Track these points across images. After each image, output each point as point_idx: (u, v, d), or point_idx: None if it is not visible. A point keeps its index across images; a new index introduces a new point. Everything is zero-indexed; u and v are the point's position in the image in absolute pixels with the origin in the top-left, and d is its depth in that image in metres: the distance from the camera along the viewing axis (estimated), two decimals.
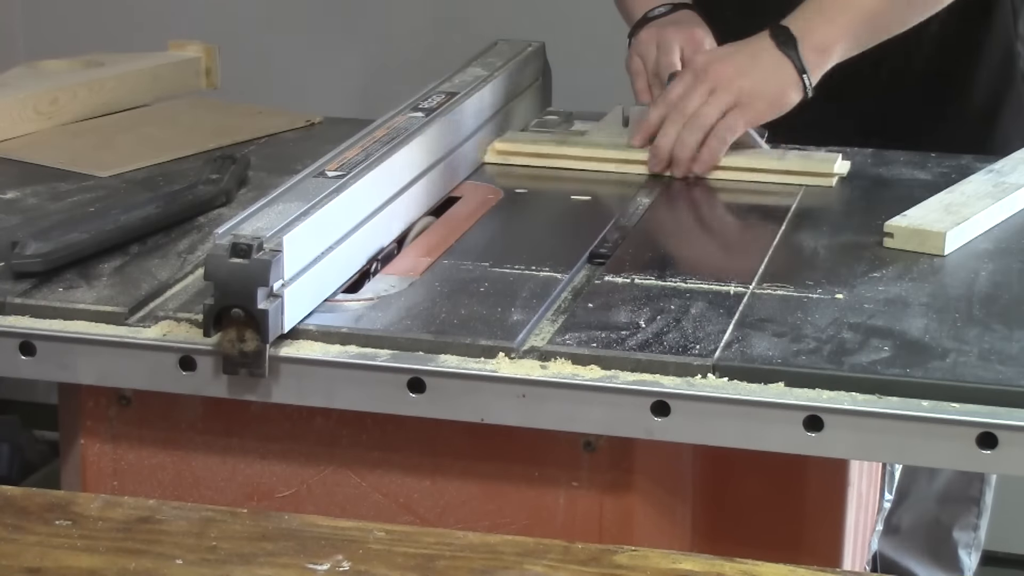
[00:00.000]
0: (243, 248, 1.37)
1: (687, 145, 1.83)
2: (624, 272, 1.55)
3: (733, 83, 1.82)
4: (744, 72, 1.83)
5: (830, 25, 1.85)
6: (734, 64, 1.84)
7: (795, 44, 1.83)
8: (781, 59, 1.83)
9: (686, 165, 1.83)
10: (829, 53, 1.84)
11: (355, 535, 1.19)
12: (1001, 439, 1.29)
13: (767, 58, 1.84)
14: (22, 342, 1.44)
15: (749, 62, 1.84)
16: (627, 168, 1.87)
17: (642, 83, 2.00)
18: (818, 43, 1.84)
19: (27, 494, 1.24)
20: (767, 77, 1.83)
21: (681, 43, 1.98)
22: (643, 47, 2.01)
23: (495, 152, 1.89)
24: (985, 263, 1.60)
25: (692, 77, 1.86)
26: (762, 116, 1.85)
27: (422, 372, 1.37)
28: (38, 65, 2.18)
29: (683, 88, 1.85)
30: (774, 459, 1.36)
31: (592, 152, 1.89)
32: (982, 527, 2.35)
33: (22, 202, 1.77)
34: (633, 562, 1.15)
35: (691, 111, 1.83)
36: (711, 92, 1.83)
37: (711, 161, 1.83)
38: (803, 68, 1.83)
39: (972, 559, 2.37)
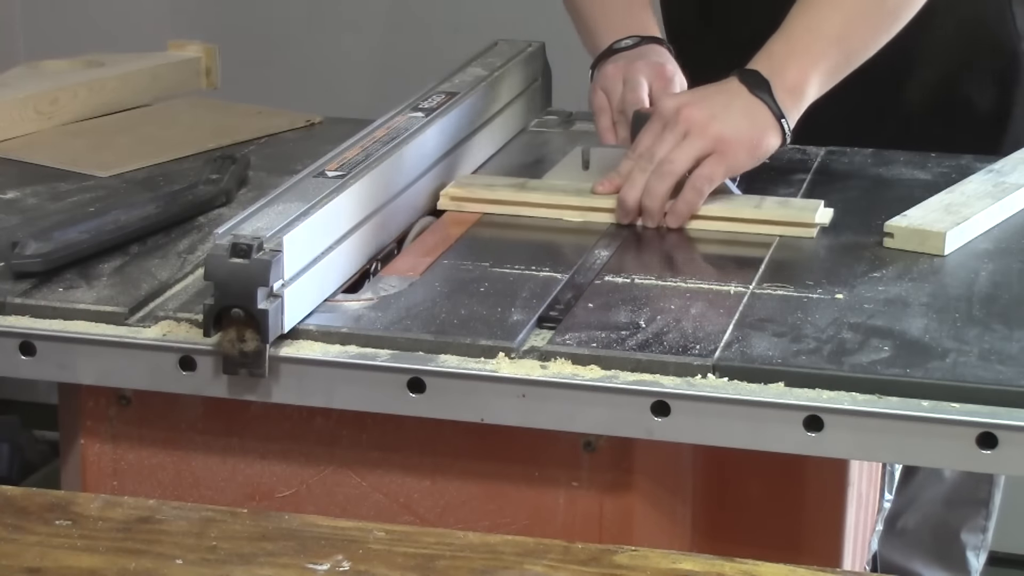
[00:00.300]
0: (243, 248, 1.37)
1: (656, 195, 1.67)
2: (624, 272, 1.55)
3: (708, 129, 1.67)
4: (719, 117, 1.68)
5: (800, 62, 1.72)
6: (708, 108, 1.69)
7: (768, 87, 1.69)
8: (756, 104, 1.69)
9: (657, 216, 1.67)
10: (803, 92, 1.72)
11: (355, 535, 1.19)
12: (1001, 439, 1.29)
13: (741, 103, 1.69)
14: (22, 342, 1.44)
15: (723, 107, 1.69)
16: (591, 216, 1.70)
17: (606, 121, 1.85)
18: (791, 83, 1.71)
19: (27, 494, 1.24)
20: (744, 123, 1.68)
21: (649, 79, 1.83)
22: (608, 82, 1.86)
23: (448, 198, 1.74)
24: (985, 263, 1.60)
25: (661, 124, 1.70)
26: (742, 165, 1.70)
27: (422, 372, 1.37)
28: (38, 65, 2.18)
29: (652, 137, 1.70)
30: (774, 459, 1.36)
31: (553, 199, 1.72)
32: (990, 529, 2.34)
33: (22, 202, 1.77)
34: (633, 562, 1.15)
35: (660, 157, 1.68)
36: (683, 137, 1.68)
37: (686, 213, 1.67)
38: (780, 112, 1.69)
39: (980, 560, 2.37)
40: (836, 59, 1.74)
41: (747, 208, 1.69)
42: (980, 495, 2.31)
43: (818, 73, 1.72)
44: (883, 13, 1.76)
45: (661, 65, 1.85)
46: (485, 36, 2.12)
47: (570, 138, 2.02)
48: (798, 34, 1.74)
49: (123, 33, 3.21)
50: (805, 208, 1.69)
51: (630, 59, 1.87)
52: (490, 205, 1.73)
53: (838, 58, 1.74)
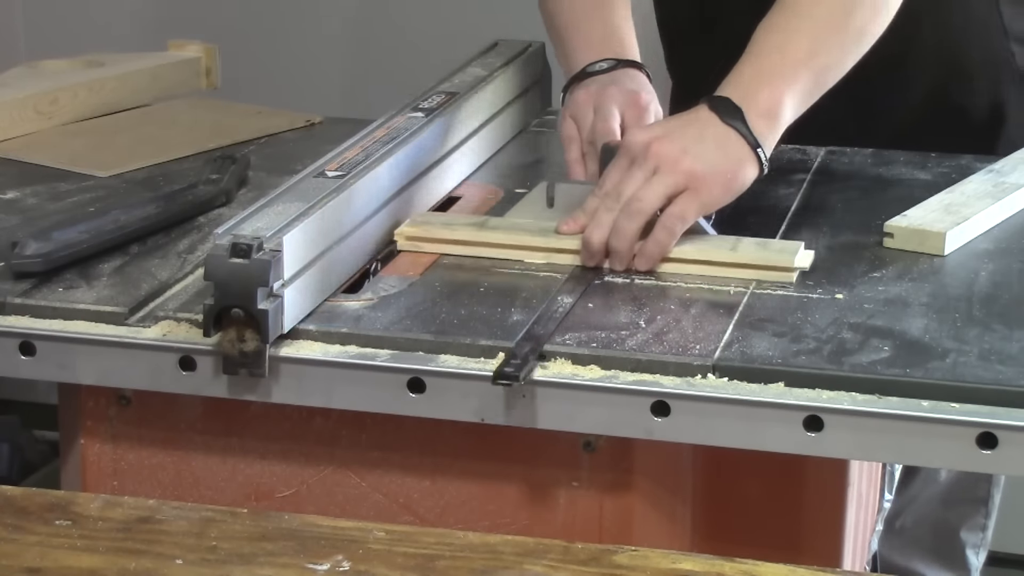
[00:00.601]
0: (243, 248, 1.37)
1: (625, 235, 1.54)
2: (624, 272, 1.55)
3: (679, 164, 1.55)
4: (691, 152, 1.56)
5: (771, 85, 1.61)
6: (679, 143, 1.57)
7: (741, 115, 1.59)
8: (729, 134, 1.58)
9: (626, 258, 1.55)
10: (778, 116, 1.61)
11: (355, 535, 1.19)
12: (1001, 439, 1.29)
13: (713, 134, 1.58)
14: (22, 342, 1.44)
15: (695, 139, 1.57)
16: (554, 258, 1.58)
17: (575, 152, 1.73)
18: (764, 108, 1.60)
19: (27, 494, 1.24)
20: (718, 156, 1.57)
21: (622, 108, 1.72)
22: (578, 109, 1.74)
23: (404, 238, 1.62)
24: (985, 263, 1.60)
25: (629, 160, 1.58)
26: (717, 202, 1.58)
27: (422, 372, 1.37)
28: (38, 65, 2.18)
29: (619, 174, 1.58)
30: (774, 459, 1.36)
31: (514, 239, 1.60)
32: (990, 527, 2.34)
33: (22, 202, 1.77)
34: (633, 562, 1.15)
35: (628, 195, 1.56)
36: (653, 173, 1.56)
37: (658, 255, 1.55)
38: (755, 141, 1.58)
39: (979, 559, 2.37)
40: (807, 79, 1.65)
41: (722, 250, 1.57)
42: (979, 493, 2.31)
43: (791, 95, 1.63)
44: (850, 30, 1.68)
45: (635, 93, 1.75)
46: (485, 36, 2.11)
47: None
48: (766, 56, 1.65)
49: (123, 33, 3.21)
50: (784, 250, 1.57)
51: (603, 85, 1.76)
52: (448, 245, 1.61)
53: (809, 78, 1.65)
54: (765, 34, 1.67)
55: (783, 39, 1.66)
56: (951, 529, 2.33)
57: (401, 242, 1.62)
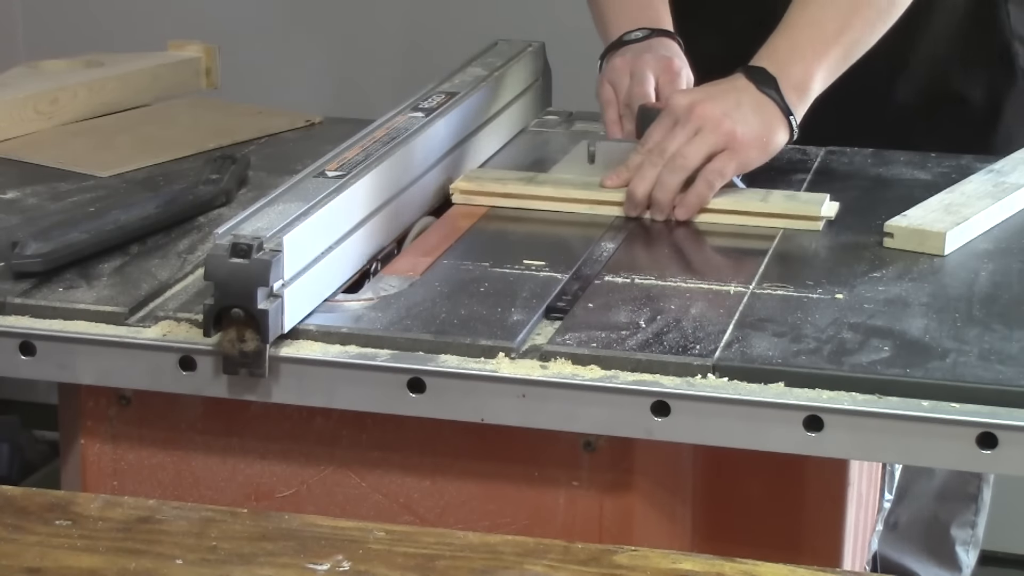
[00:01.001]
0: (243, 248, 1.37)
1: (668, 187, 1.69)
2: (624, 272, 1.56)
3: (721, 126, 1.70)
4: (731, 114, 1.70)
5: (804, 58, 1.75)
6: (720, 106, 1.71)
7: (775, 84, 1.72)
8: (764, 101, 1.72)
9: (667, 208, 1.70)
10: (808, 89, 1.74)
11: (355, 535, 1.19)
12: (1001, 439, 1.29)
13: (750, 100, 1.72)
14: (22, 342, 1.44)
15: (734, 104, 1.71)
16: (598, 209, 1.72)
17: (612, 114, 1.85)
18: (797, 80, 1.74)
19: (27, 494, 1.24)
20: (755, 120, 1.71)
21: (656, 73, 1.84)
22: (615, 74, 1.86)
23: (458, 191, 1.76)
24: (985, 263, 1.60)
25: (672, 120, 1.72)
26: (753, 163, 1.72)
27: (422, 372, 1.37)
28: (38, 65, 2.18)
29: (662, 132, 1.73)
30: (774, 459, 1.36)
31: (561, 192, 1.74)
32: (980, 524, 2.35)
33: (22, 202, 1.77)
34: (633, 562, 1.15)
35: (672, 151, 1.70)
36: (695, 133, 1.70)
37: (697, 205, 1.70)
38: (788, 109, 1.72)
39: (970, 556, 2.38)
40: (837, 54, 1.76)
41: (754, 201, 1.71)
42: (969, 490, 2.32)
43: (821, 69, 1.75)
44: (879, 6, 1.79)
45: (668, 59, 1.86)
46: (485, 36, 2.12)
47: (571, 138, 2.02)
48: (800, 29, 1.77)
49: (123, 33, 3.21)
50: (811, 201, 1.71)
51: (638, 52, 1.87)
52: (499, 198, 1.75)
53: (839, 53, 1.76)
54: (799, 8, 1.78)
55: (816, 14, 1.77)
56: (942, 526, 2.34)
57: (456, 195, 1.76)
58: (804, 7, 1.78)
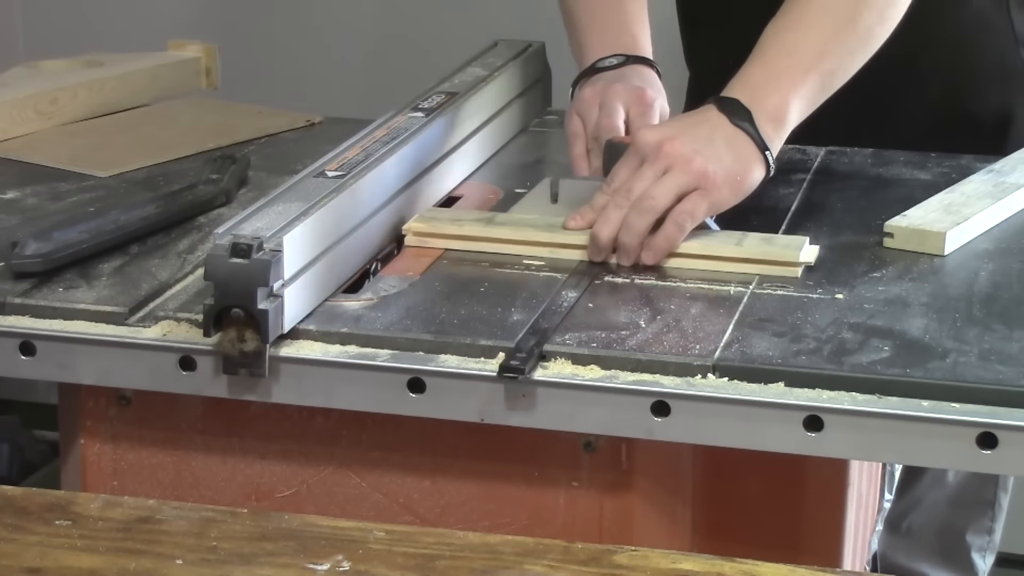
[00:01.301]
0: (243, 248, 1.37)
1: (635, 231, 1.55)
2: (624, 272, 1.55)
3: (691, 165, 1.56)
4: (702, 152, 1.57)
5: (780, 88, 1.63)
6: (691, 143, 1.58)
7: (750, 117, 1.60)
8: (738, 136, 1.60)
9: (634, 254, 1.56)
10: (785, 120, 1.63)
11: (355, 535, 1.19)
12: (1001, 439, 1.29)
13: (723, 136, 1.60)
14: (22, 342, 1.44)
15: (706, 141, 1.59)
16: (560, 253, 1.58)
17: (579, 148, 1.73)
18: (772, 111, 1.62)
19: (27, 494, 1.24)
20: (728, 157, 1.58)
21: (627, 104, 1.73)
22: (584, 105, 1.75)
23: (412, 233, 1.63)
24: (985, 263, 1.60)
25: (639, 159, 1.59)
26: (725, 203, 1.59)
27: (422, 372, 1.37)
28: (38, 65, 2.18)
29: (628, 171, 1.59)
30: (774, 459, 1.36)
31: (521, 235, 1.60)
32: (997, 530, 2.33)
33: (22, 202, 1.77)
34: (633, 562, 1.15)
35: (639, 192, 1.57)
36: (664, 173, 1.57)
37: (666, 249, 1.56)
38: (764, 144, 1.60)
39: (986, 562, 2.36)
40: (815, 83, 1.66)
41: (728, 245, 1.58)
42: (986, 496, 2.30)
43: (798, 99, 1.64)
44: (858, 34, 1.69)
45: (641, 90, 1.75)
46: (485, 36, 2.12)
47: None
48: (775, 58, 1.66)
49: (123, 33, 3.21)
50: (789, 246, 1.58)
51: (609, 81, 1.77)
52: (455, 241, 1.62)
53: (816, 82, 1.66)
54: (774, 35, 1.67)
55: (792, 42, 1.67)
56: (957, 532, 2.32)
57: (409, 237, 1.63)
58: (778, 35, 1.67)
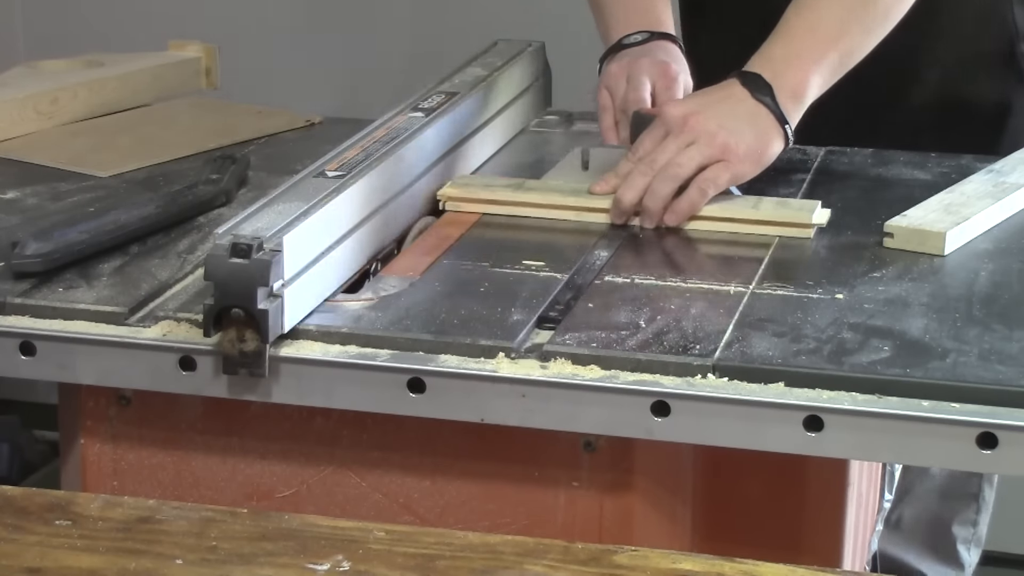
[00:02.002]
0: (243, 248, 1.37)
1: (659, 196, 1.66)
2: (624, 272, 1.55)
3: (715, 139, 1.66)
4: (726, 126, 1.67)
5: (801, 64, 1.72)
6: (715, 117, 1.68)
7: (771, 92, 1.69)
8: (760, 110, 1.69)
9: (657, 217, 1.67)
10: (804, 96, 1.71)
11: (355, 535, 1.19)
12: (1001, 439, 1.29)
13: (745, 110, 1.69)
14: (22, 342, 1.44)
15: (729, 115, 1.68)
16: (588, 216, 1.69)
17: (608, 120, 1.84)
18: (793, 87, 1.70)
19: (27, 494, 1.24)
20: (750, 132, 1.68)
21: (653, 78, 1.83)
22: (612, 79, 1.85)
23: (445, 198, 1.73)
24: (985, 263, 1.60)
25: (664, 131, 1.69)
26: (747, 175, 1.69)
27: (422, 372, 1.37)
28: (38, 65, 2.18)
29: (653, 143, 1.69)
30: (774, 459, 1.36)
31: (550, 199, 1.71)
32: (981, 523, 2.35)
33: (22, 202, 1.77)
34: (633, 562, 1.15)
35: (663, 161, 1.67)
36: (689, 144, 1.67)
37: (688, 212, 1.66)
38: (784, 118, 1.69)
39: (972, 555, 2.37)
40: (833, 60, 1.74)
41: (745, 209, 1.68)
42: (971, 489, 2.32)
43: (818, 75, 1.72)
44: (876, 13, 1.76)
45: (666, 64, 1.85)
46: (485, 36, 2.12)
47: (570, 138, 2.02)
48: (797, 35, 1.74)
49: (123, 33, 3.21)
50: (802, 208, 1.69)
51: (635, 56, 1.86)
52: (487, 205, 1.73)
53: (835, 59, 1.74)
54: (796, 13, 1.75)
55: (814, 19, 1.74)
56: (944, 524, 2.34)
57: (444, 202, 1.73)
58: (800, 12, 1.75)
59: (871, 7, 1.76)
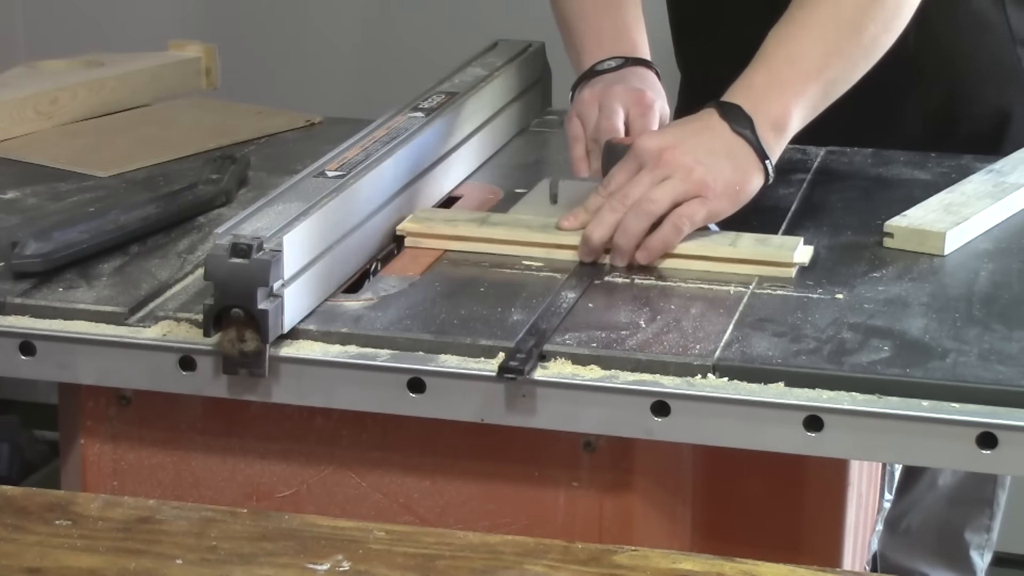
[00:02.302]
0: (243, 248, 1.37)
1: (631, 233, 1.55)
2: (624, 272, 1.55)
3: (692, 174, 1.57)
4: (703, 162, 1.58)
5: (782, 96, 1.63)
6: (691, 151, 1.58)
7: (751, 124, 1.60)
8: (739, 144, 1.60)
9: (628, 255, 1.56)
10: (786, 127, 1.63)
11: (355, 535, 1.19)
12: (1001, 439, 1.29)
13: (723, 144, 1.60)
14: (22, 342, 1.44)
15: (706, 149, 1.59)
16: (555, 254, 1.58)
17: (579, 150, 1.73)
18: (774, 119, 1.61)
19: (27, 494, 1.24)
20: (728, 167, 1.59)
21: (627, 105, 1.73)
22: (584, 107, 1.75)
23: (406, 233, 1.63)
24: (985, 263, 1.60)
25: (637, 165, 1.59)
26: (723, 213, 1.59)
27: (422, 372, 1.37)
28: (38, 65, 2.18)
29: (626, 176, 1.60)
30: (774, 459, 1.36)
31: (516, 235, 1.60)
32: (994, 528, 2.33)
33: (22, 202, 1.77)
34: (633, 562, 1.15)
35: (636, 196, 1.57)
36: (664, 180, 1.57)
37: (661, 250, 1.56)
38: (764, 152, 1.60)
39: (984, 560, 2.36)
40: (816, 92, 1.65)
41: (722, 246, 1.57)
42: (984, 494, 2.30)
43: (799, 107, 1.64)
44: (862, 43, 1.68)
45: (640, 91, 1.75)
46: (485, 36, 2.12)
47: None
48: (778, 66, 1.65)
49: (123, 33, 3.21)
50: (783, 246, 1.58)
51: (608, 83, 1.77)
52: (450, 241, 1.62)
53: (818, 91, 1.65)
54: (777, 42, 1.67)
55: (796, 49, 1.66)
56: (955, 530, 2.32)
57: (407, 238, 1.63)
58: (781, 42, 1.66)
59: (856, 38, 1.68)
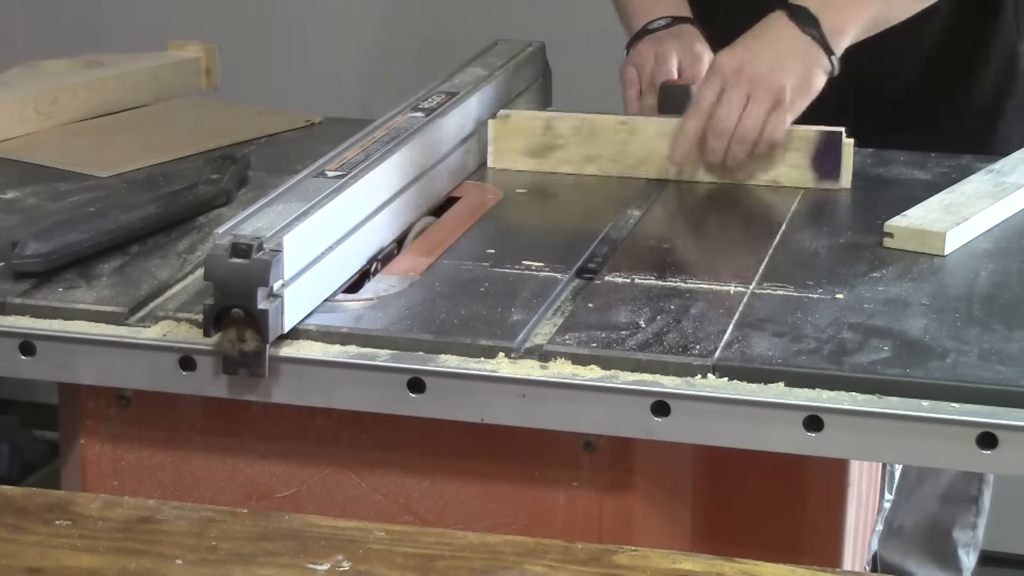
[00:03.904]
0: (243, 248, 1.37)
1: (739, 160, 1.81)
2: (624, 272, 1.56)
3: (772, 85, 1.78)
4: (776, 67, 1.79)
5: (844, 9, 1.82)
6: (765, 61, 1.79)
7: (817, 24, 1.80)
8: (806, 41, 1.80)
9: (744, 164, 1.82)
10: (843, 36, 1.81)
11: (355, 535, 1.19)
12: (1001, 439, 1.29)
13: (791, 44, 1.80)
14: (22, 342, 1.44)
15: (777, 53, 1.80)
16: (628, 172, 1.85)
17: (633, 92, 1.99)
18: (835, 25, 1.80)
19: (27, 494, 1.24)
20: (798, 65, 1.79)
21: (679, 55, 1.97)
22: (640, 58, 2.00)
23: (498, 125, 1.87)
24: (985, 263, 1.60)
25: (721, 81, 1.80)
26: (802, 108, 1.81)
27: (422, 372, 1.37)
28: (38, 65, 2.18)
29: (714, 94, 1.81)
30: (774, 459, 1.36)
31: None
32: (980, 526, 2.36)
33: (22, 202, 1.77)
34: (633, 562, 1.15)
35: (731, 124, 1.79)
36: (748, 98, 1.79)
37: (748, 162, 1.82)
38: (829, 48, 1.80)
39: (971, 558, 2.38)
40: (872, 15, 1.83)
41: None
42: (971, 492, 2.32)
43: (860, 21, 1.83)
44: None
45: (691, 43, 1.98)
46: (485, 36, 2.12)
47: None
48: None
49: (123, 33, 3.21)
50: None
51: (661, 38, 2.00)
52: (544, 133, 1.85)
53: (873, 15, 1.83)
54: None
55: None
56: (945, 529, 2.34)
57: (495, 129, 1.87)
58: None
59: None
